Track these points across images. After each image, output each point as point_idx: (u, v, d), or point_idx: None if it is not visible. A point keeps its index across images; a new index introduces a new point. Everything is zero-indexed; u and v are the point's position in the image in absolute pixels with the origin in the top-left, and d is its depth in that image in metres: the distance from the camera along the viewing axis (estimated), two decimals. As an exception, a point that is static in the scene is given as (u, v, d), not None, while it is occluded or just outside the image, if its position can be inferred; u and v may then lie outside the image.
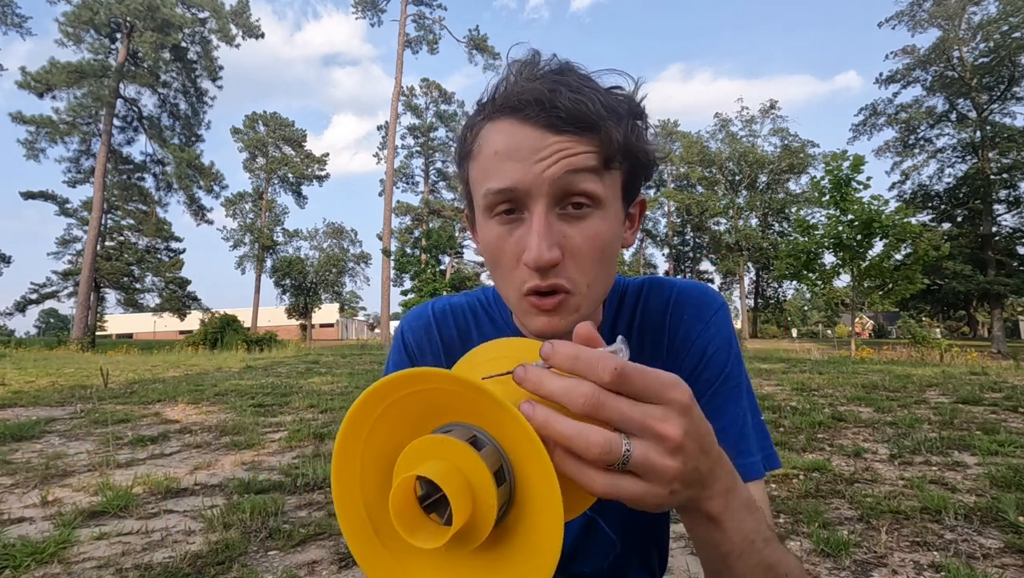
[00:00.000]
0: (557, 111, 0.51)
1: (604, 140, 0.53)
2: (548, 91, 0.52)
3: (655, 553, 0.77)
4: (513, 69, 0.56)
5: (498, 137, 0.54)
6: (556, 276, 0.54)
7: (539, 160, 0.52)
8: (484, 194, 0.55)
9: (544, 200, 0.53)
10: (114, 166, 29.00)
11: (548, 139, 0.52)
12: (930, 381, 6.86)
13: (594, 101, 0.52)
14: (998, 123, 26.70)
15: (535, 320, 0.56)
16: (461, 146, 0.60)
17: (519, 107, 0.53)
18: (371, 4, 31.99)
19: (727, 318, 0.67)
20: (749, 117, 41.84)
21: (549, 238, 0.52)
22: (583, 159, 0.52)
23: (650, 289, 0.70)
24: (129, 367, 10.19)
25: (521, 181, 0.52)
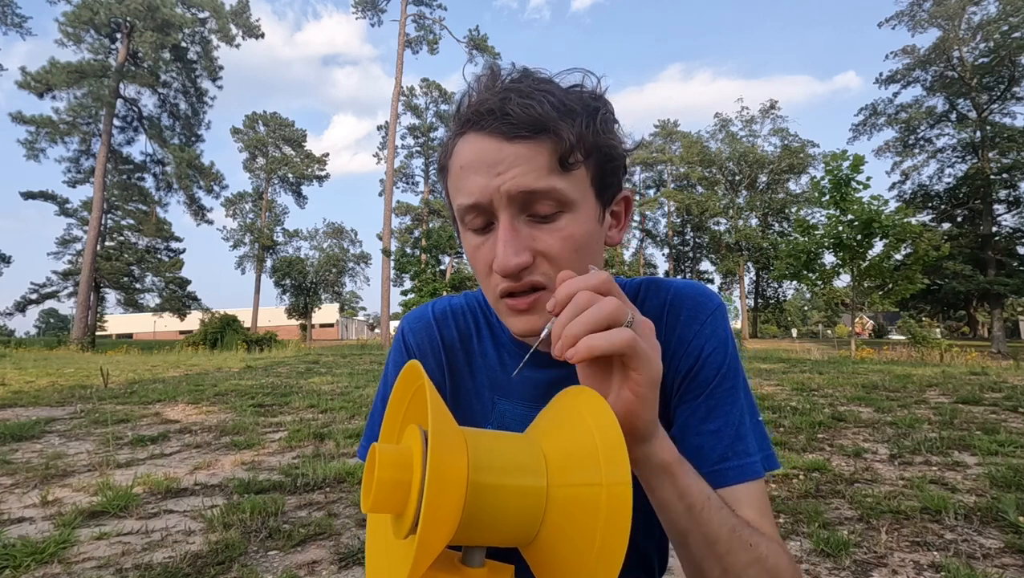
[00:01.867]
0: (509, 118, 0.52)
1: (558, 140, 0.53)
2: (500, 100, 0.53)
3: (655, 553, 0.77)
4: (475, 84, 0.58)
5: (463, 151, 0.56)
6: (529, 275, 0.55)
7: (498, 173, 0.53)
8: (456, 209, 0.57)
9: (508, 210, 0.54)
10: (114, 166, 29.00)
11: (504, 149, 0.53)
12: (930, 381, 6.86)
13: (543, 103, 0.53)
14: (998, 123, 26.71)
15: (515, 320, 0.58)
16: (439, 161, 0.62)
17: (476, 119, 0.54)
18: (371, 4, 31.98)
19: (724, 319, 0.67)
20: (749, 117, 41.85)
21: (516, 244, 0.54)
22: (538, 164, 0.53)
23: (647, 290, 0.70)
24: (129, 367, 10.19)
25: (483, 195, 0.54)
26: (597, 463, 0.36)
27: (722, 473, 0.59)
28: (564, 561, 0.37)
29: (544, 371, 0.69)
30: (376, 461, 0.32)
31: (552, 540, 0.37)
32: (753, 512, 0.57)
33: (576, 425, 0.40)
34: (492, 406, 0.71)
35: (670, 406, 0.68)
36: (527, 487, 0.36)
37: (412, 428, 0.36)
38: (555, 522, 0.36)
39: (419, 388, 0.38)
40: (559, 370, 0.69)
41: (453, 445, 0.33)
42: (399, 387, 0.40)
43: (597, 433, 0.38)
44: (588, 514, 0.35)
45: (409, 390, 0.40)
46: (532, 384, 0.70)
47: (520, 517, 0.36)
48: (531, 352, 0.55)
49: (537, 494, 0.36)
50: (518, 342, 0.70)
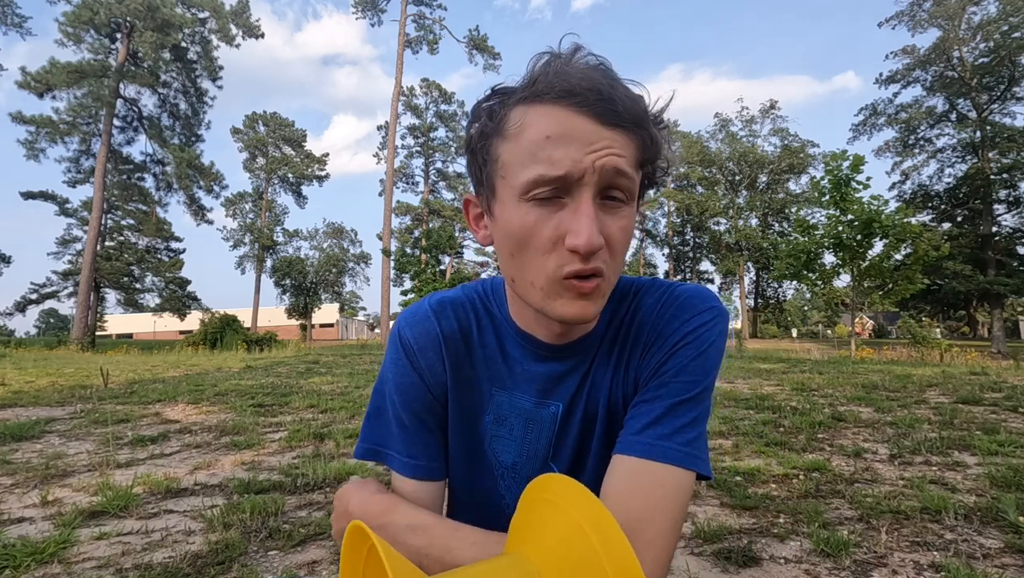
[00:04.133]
0: (614, 104, 0.53)
1: (646, 140, 0.55)
2: (607, 83, 0.53)
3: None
4: (557, 57, 0.56)
5: (549, 122, 0.53)
6: (596, 260, 0.54)
7: (593, 150, 0.53)
8: (531, 179, 0.54)
9: (592, 188, 0.53)
10: (114, 166, 28.99)
11: (602, 131, 0.53)
12: (930, 381, 6.86)
13: (642, 102, 0.55)
14: (998, 123, 26.72)
15: (570, 304, 0.56)
16: (488, 123, 0.58)
17: (576, 93, 0.52)
18: (371, 4, 31.98)
19: (715, 323, 0.64)
20: (749, 117, 41.85)
21: (597, 223, 0.53)
22: (629, 153, 0.54)
23: (647, 291, 0.70)
24: (129, 367, 10.19)
25: (575, 168, 0.52)
26: (592, 549, 0.32)
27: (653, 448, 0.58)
28: None
29: (544, 364, 0.69)
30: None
31: None
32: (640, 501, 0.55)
33: (560, 521, 0.34)
34: (490, 397, 0.71)
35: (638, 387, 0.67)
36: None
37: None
38: None
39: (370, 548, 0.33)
40: (559, 364, 0.69)
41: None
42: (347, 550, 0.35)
43: (593, 533, 0.33)
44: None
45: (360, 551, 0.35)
46: (531, 377, 0.70)
47: None
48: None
49: None
50: (522, 333, 0.69)
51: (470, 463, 0.74)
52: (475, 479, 0.74)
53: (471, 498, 0.75)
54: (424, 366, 0.70)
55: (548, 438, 0.70)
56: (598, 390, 0.69)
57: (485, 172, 0.59)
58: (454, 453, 0.75)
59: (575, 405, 0.69)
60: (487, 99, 0.59)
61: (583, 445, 0.70)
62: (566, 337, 0.67)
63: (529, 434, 0.71)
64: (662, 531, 0.55)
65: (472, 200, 0.65)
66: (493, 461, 0.73)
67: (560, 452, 0.70)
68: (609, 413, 0.68)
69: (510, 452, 0.72)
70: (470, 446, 0.73)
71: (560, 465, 0.71)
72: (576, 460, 0.70)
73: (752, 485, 2.64)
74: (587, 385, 0.69)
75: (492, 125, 0.57)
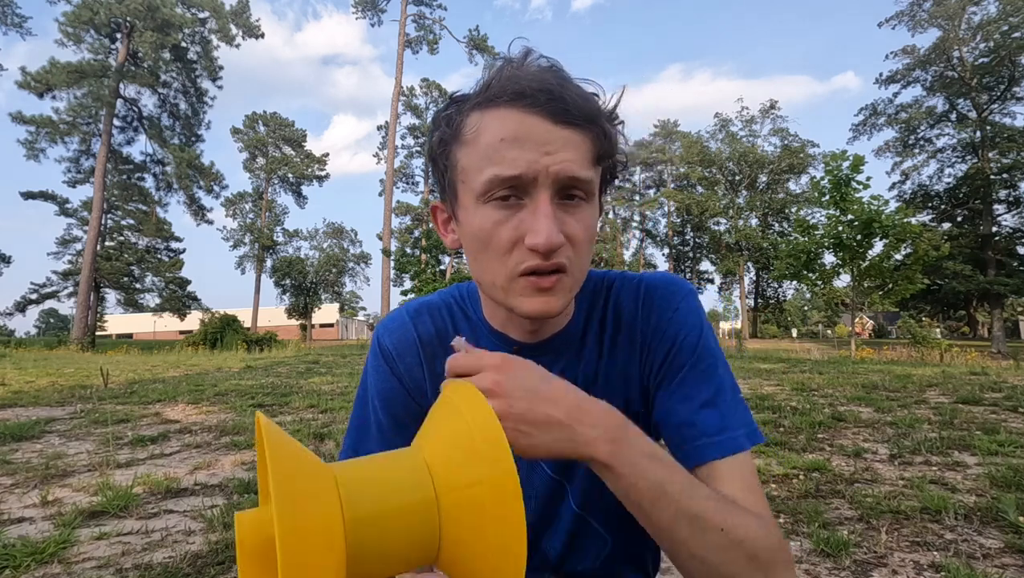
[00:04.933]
0: (565, 103, 0.53)
1: (600, 137, 0.56)
2: (557, 83, 0.54)
3: (648, 552, 0.77)
4: (509, 62, 0.57)
5: (503, 124, 0.54)
6: (557, 256, 0.55)
7: (547, 152, 0.53)
8: (487, 180, 0.55)
9: (548, 189, 0.54)
10: (114, 166, 29.00)
11: (554, 131, 0.54)
12: (930, 381, 6.86)
13: (594, 100, 0.56)
14: (998, 123, 26.73)
15: (531, 300, 0.57)
16: (446, 131, 0.59)
17: (527, 95, 0.53)
18: (371, 4, 31.99)
19: (695, 304, 0.68)
20: (749, 117, 41.86)
21: (556, 222, 0.54)
22: (584, 153, 0.55)
23: (621, 285, 0.71)
24: (129, 367, 10.19)
25: (529, 170, 0.53)
26: (478, 461, 0.35)
27: (706, 448, 0.60)
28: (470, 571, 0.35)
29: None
30: (236, 528, 0.30)
31: (454, 551, 0.35)
32: (738, 488, 0.57)
33: (455, 424, 0.39)
34: None
35: (650, 395, 0.68)
36: (411, 504, 0.34)
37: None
38: (451, 532, 0.35)
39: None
40: (535, 359, 0.69)
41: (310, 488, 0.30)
42: (260, 445, 0.35)
43: (476, 431, 0.37)
44: (476, 516, 0.34)
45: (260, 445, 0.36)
46: None
47: (414, 536, 0.34)
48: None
49: (426, 507, 0.34)
50: (496, 332, 0.70)
51: None
52: None
53: None
54: (403, 371, 0.71)
55: None
56: (585, 385, 0.68)
57: (447, 178, 0.60)
58: None
59: None
60: (445, 108, 0.60)
61: None
62: (539, 335, 0.68)
63: None
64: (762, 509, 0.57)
65: (439, 206, 0.66)
66: None
67: None
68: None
69: None
70: None
71: (550, 465, 0.71)
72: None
73: (752, 485, 2.64)
74: (572, 381, 0.69)
75: (450, 132, 0.58)
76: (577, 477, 0.70)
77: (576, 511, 0.71)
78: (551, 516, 0.72)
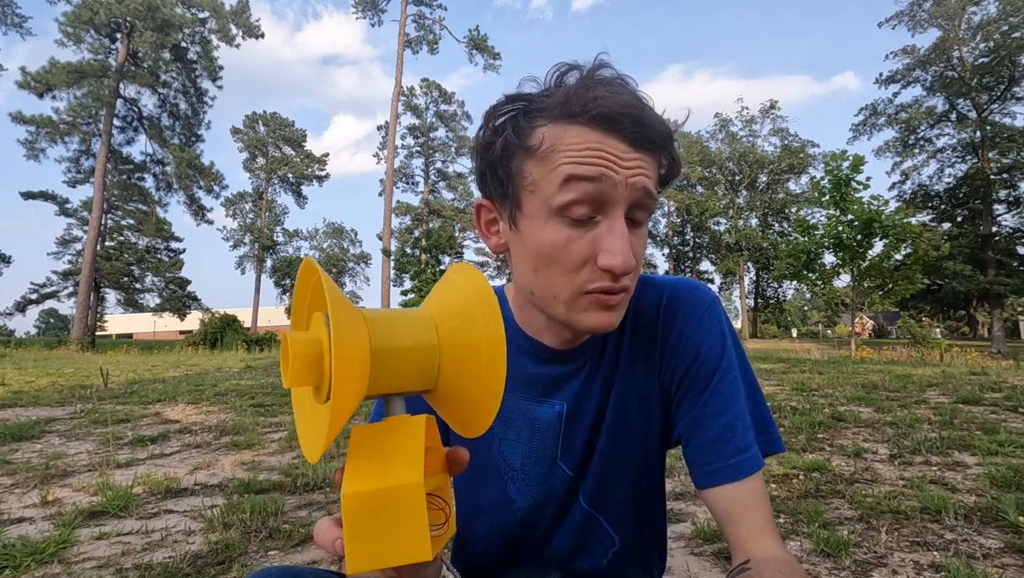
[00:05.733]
0: (646, 128, 0.54)
1: (668, 161, 0.58)
2: (639, 106, 0.54)
3: (654, 551, 0.78)
4: (590, 76, 0.57)
5: (583, 138, 0.54)
6: (625, 279, 0.57)
7: (625, 167, 0.54)
8: (564, 181, 0.54)
9: (623, 207, 0.55)
10: (114, 166, 28.99)
11: (632, 152, 0.54)
12: (930, 381, 6.86)
13: (669, 123, 0.58)
14: (998, 123, 26.72)
15: (595, 316, 0.58)
16: (513, 138, 0.57)
17: (610, 117, 0.53)
18: (371, 4, 32.00)
19: (719, 313, 0.68)
20: (749, 117, 41.86)
21: (630, 243, 0.56)
22: (654, 172, 0.57)
23: (642, 288, 0.71)
24: (129, 367, 10.19)
25: (610, 177, 0.54)
26: (466, 294, 0.45)
27: (726, 470, 0.61)
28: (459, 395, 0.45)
29: (548, 367, 0.70)
30: (289, 344, 0.37)
31: (448, 383, 0.45)
32: (757, 515, 0.60)
33: (450, 286, 0.48)
34: None
35: (672, 405, 0.69)
36: (419, 344, 0.43)
37: (317, 315, 0.41)
38: (449, 356, 0.44)
39: (316, 282, 0.43)
40: (563, 366, 0.70)
41: (352, 321, 0.38)
42: (300, 284, 0.45)
43: (465, 283, 0.46)
44: (469, 333, 0.44)
45: (308, 285, 0.44)
46: (534, 379, 0.71)
47: (419, 368, 0.43)
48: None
49: (430, 347, 0.44)
50: (527, 337, 0.70)
51: (477, 469, 0.74)
52: (483, 484, 0.75)
53: (479, 503, 0.76)
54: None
55: (555, 437, 0.71)
56: (605, 389, 0.70)
57: (510, 186, 0.59)
58: None
59: (580, 404, 0.70)
60: (505, 107, 0.59)
61: (591, 443, 0.70)
62: (573, 343, 0.69)
63: (536, 435, 0.71)
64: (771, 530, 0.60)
65: (486, 205, 0.64)
66: (501, 464, 0.73)
67: (568, 450, 0.71)
68: (617, 410, 0.69)
69: (518, 454, 0.72)
70: (477, 451, 0.73)
71: (568, 463, 0.71)
72: (585, 457, 0.71)
73: (752, 485, 2.64)
74: (592, 384, 0.70)
75: (517, 140, 0.57)
76: (590, 473, 0.71)
77: (586, 508, 0.72)
78: (563, 514, 0.73)
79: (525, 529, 0.73)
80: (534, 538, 0.74)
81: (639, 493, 0.72)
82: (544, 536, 0.74)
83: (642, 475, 0.72)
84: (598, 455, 0.70)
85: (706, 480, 0.63)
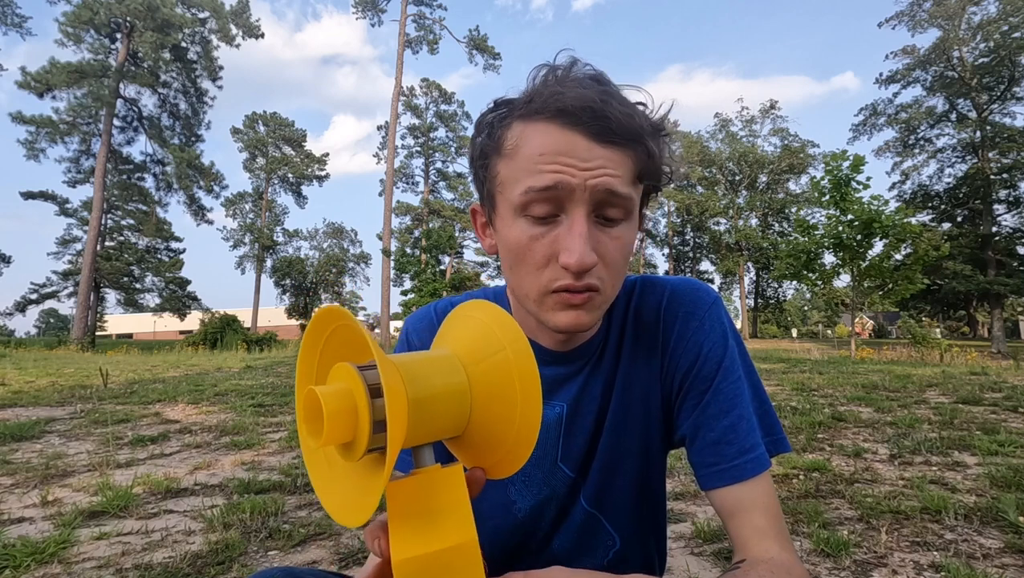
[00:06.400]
0: (608, 121, 0.52)
1: (642, 156, 0.55)
2: (600, 100, 0.53)
3: (654, 551, 0.78)
4: (553, 72, 0.57)
5: (544, 138, 0.54)
6: (590, 276, 0.55)
7: (586, 168, 0.53)
8: (523, 192, 0.55)
9: (585, 206, 0.54)
10: (114, 166, 28.99)
11: (595, 149, 0.53)
12: (930, 381, 6.86)
13: (639, 116, 0.55)
14: (998, 123, 26.70)
15: (561, 314, 0.58)
16: (487, 141, 0.59)
17: (569, 112, 0.53)
18: (371, 4, 31.98)
19: (721, 313, 0.68)
20: (749, 117, 41.84)
21: (590, 242, 0.54)
22: (624, 172, 0.54)
23: (643, 288, 0.71)
24: (129, 367, 10.19)
25: (566, 182, 0.53)
26: (495, 335, 0.43)
27: (730, 471, 0.61)
28: (490, 438, 0.42)
29: (547, 368, 0.70)
30: (322, 399, 0.34)
31: (479, 427, 0.42)
32: (761, 515, 0.59)
33: (472, 324, 0.45)
34: None
35: (673, 406, 0.69)
36: (452, 389, 0.41)
37: (340, 366, 0.38)
38: (481, 399, 0.41)
39: (341, 327, 0.40)
40: (562, 368, 0.70)
41: (393, 371, 0.37)
42: (313, 333, 0.41)
43: (490, 321, 0.44)
44: (503, 376, 0.41)
45: (324, 333, 0.41)
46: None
47: (452, 414, 0.41)
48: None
49: (462, 392, 0.41)
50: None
51: None
52: (483, 489, 0.74)
53: (479, 506, 0.75)
54: None
55: (555, 439, 0.71)
56: (605, 390, 0.69)
57: (486, 187, 0.61)
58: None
59: (580, 405, 0.70)
60: (490, 112, 0.60)
61: (592, 444, 0.70)
62: (569, 344, 0.69)
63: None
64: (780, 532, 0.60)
65: (478, 210, 0.66)
66: None
67: (569, 452, 0.71)
68: (618, 411, 0.69)
69: None
70: None
71: (569, 464, 0.71)
72: (586, 458, 0.71)
73: (752, 485, 2.64)
74: (592, 386, 0.70)
75: (491, 143, 0.58)
76: (592, 474, 0.71)
77: (587, 509, 0.72)
78: (564, 514, 0.73)
79: (526, 531, 0.73)
80: (535, 539, 0.74)
81: (640, 493, 0.72)
82: (545, 537, 0.74)
83: (643, 475, 0.71)
84: (599, 456, 0.70)
85: (710, 481, 0.63)
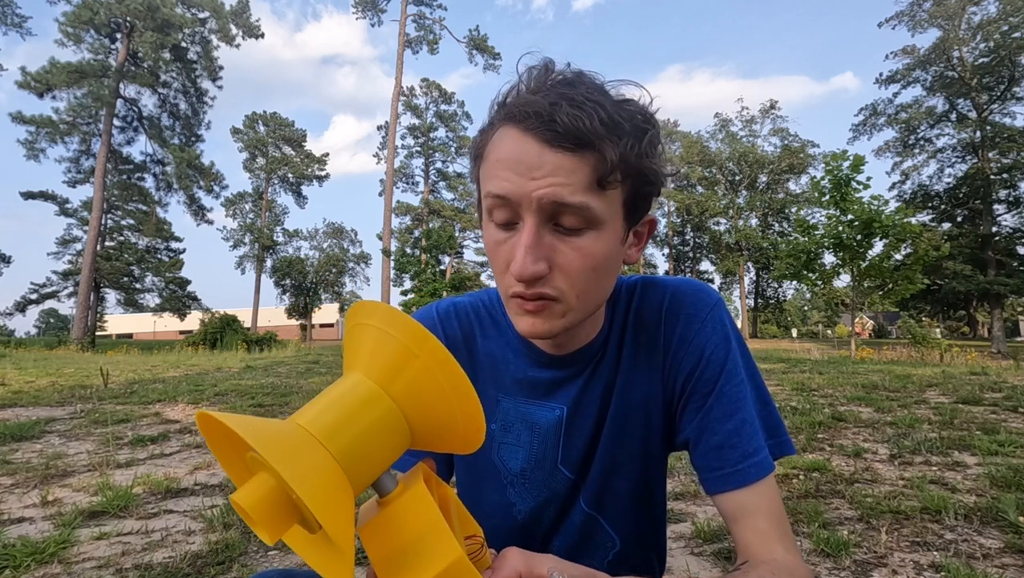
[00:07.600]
0: (555, 126, 0.50)
1: (600, 159, 0.51)
2: (549, 104, 0.51)
3: (654, 552, 0.78)
4: (526, 76, 0.56)
5: (502, 144, 0.54)
6: (542, 286, 0.55)
7: (533, 177, 0.52)
8: (486, 196, 0.56)
9: (535, 216, 0.53)
10: (114, 166, 28.99)
11: (545, 155, 0.51)
12: (930, 381, 6.86)
13: (593, 117, 0.50)
14: (998, 123, 26.69)
15: (520, 320, 0.58)
16: (475, 146, 0.60)
17: (521, 118, 0.52)
18: (371, 4, 32.00)
19: (724, 314, 0.67)
20: (749, 117, 41.84)
21: (536, 252, 0.53)
22: (577, 179, 0.51)
23: (644, 289, 0.70)
24: (129, 367, 10.19)
25: (514, 193, 0.52)
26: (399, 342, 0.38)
27: (733, 476, 0.61)
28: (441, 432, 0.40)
29: (547, 371, 0.70)
30: (243, 504, 0.32)
31: (423, 430, 0.39)
32: (764, 519, 0.59)
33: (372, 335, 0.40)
34: (496, 403, 0.72)
35: (675, 409, 0.68)
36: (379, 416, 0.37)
37: (251, 455, 0.35)
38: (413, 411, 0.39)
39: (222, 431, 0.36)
40: (561, 370, 0.70)
41: (290, 440, 0.33)
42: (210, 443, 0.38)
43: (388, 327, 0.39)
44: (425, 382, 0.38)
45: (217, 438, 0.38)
46: (534, 383, 0.70)
47: (391, 438, 0.38)
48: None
49: (391, 413, 0.38)
50: (523, 340, 0.70)
51: (476, 472, 0.74)
52: (482, 488, 0.74)
53: (479, 509, 0.75)
54: None
55: (555, 441, 0.70)
56: (605, 392, 0.69)
57: (476, 189, 0.62)
58: (458, 465, 0.76)
59: (580, 407, 0.69)
60: (489, 111, 0.61)
61: (592, 446, 0.70)
62: (567, 347, 0.68)
63: (535, 439, 0.71)
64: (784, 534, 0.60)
65: (477, 209, 0.68)
66: (501, 469, 0.73)
67: (569, 454, 0.70)
68: (618, 414, 0.69)
69: (518, 459, 0.72)
70: (476, 455, 0.72)
71: (569, 466, 0.71)
72: (585, 460, 0.71)
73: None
74: (592, 388, 0.69)
75: (477, 147, 0.59)
76: (591, 475, 0.71)
77: (587, 511, 0.72)
78: (563, 516, 0.73)
79: (525, 532, 0.73)
80: (534, 541, 0.74)
81: (640, 495, 0.72)
82: (544, 538, 0.74)
83: (643, 477, 0.71)
84: (599, 458, 0.70)
85: (714, 486, 0.63)
